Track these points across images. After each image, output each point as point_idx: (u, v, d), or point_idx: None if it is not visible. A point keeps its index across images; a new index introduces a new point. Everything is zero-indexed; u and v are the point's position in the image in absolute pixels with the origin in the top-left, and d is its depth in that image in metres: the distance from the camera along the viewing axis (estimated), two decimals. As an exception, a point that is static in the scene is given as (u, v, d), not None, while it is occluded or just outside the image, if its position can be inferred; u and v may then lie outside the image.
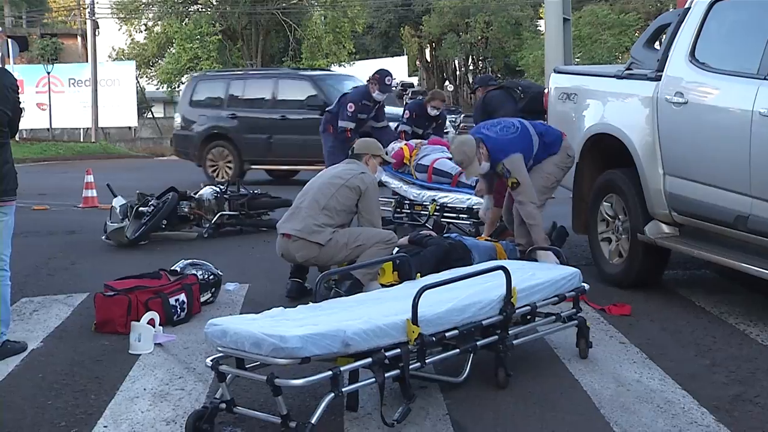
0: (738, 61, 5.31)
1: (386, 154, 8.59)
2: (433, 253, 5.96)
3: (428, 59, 67.72)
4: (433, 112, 9.41)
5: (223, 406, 3.61)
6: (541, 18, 40.08)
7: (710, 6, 5.58)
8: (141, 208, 8.52)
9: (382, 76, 9.19)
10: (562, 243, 6.92)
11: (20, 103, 4.90)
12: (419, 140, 9.04)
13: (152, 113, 44.37)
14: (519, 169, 6.05)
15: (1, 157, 4.73)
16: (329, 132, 9.32)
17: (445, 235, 6.75)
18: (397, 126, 9.76)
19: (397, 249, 6.12)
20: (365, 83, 9.47)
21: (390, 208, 8.56)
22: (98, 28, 35.42)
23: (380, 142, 6.65)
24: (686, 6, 5.88)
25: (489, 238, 6.69)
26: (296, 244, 5.67)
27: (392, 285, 5.50)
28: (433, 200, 8.10)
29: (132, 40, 44.62)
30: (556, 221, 7.22)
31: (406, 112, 9.75)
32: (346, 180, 5.72)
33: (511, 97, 8.21)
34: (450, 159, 8.50)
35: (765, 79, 4.88)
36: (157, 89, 45.14)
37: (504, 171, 6.06)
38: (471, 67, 58.68)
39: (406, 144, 8.86)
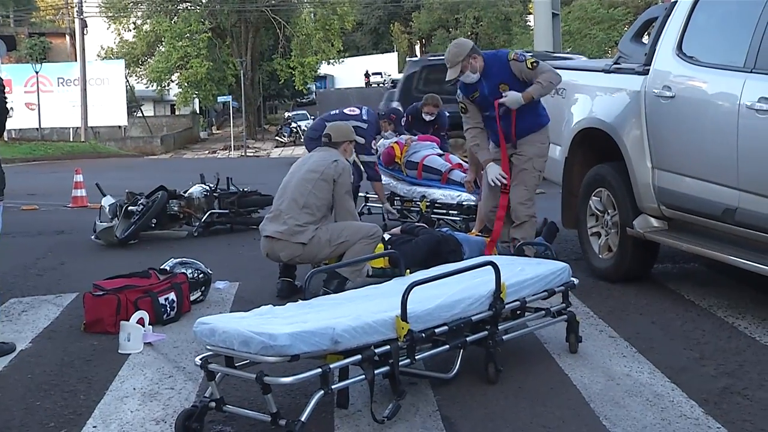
0: (725, 55, 5.32)
1: (377, 151, 8.58)
2: (425, 242, 6.06)
3: (418, 55, 67.71)
4: (427, 118, 9.30)
5: (213, 404, 3.60)
6: (530, 13, 40.12)
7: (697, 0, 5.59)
8: (130, 207, 8.51)
9: (398, 117, 8.92)
10: (552, 239, 6.94)
11: (7, 102, 4.88)
12: (410, 137, 9.02)
13: (142, 112, 44.28)
14: (531, 57, 6.01)
15: (-12, 157, 4.71)
16: None
17: (437, 229, 6.78)
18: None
19: (389, 236, 6.23)
20: (370, 124, 8.33)
21: (379, 205, 8.56)
22: (86, 26, 35.29)
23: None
24: (673, 0, 5.90)
25: (480, 234, 6.70)
26: (279, 244, 5.67)
27: (383, 269, 5.62)
28: (424, 197, 8.12)
29: (121, 38, 44.51)
30: (546, 217, 7.23)
31: (403, 116, 9.68)
32: (320, 173, 5.68)
33: None
34: (440, 156, 8.52)
35: (751, 72, 4.90)
36: (147, 88, 45.03)
37: (519, 56, 5.99)
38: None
39: (396, 142, 8.85)
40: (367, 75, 71.80)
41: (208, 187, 9.17)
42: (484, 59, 6.05)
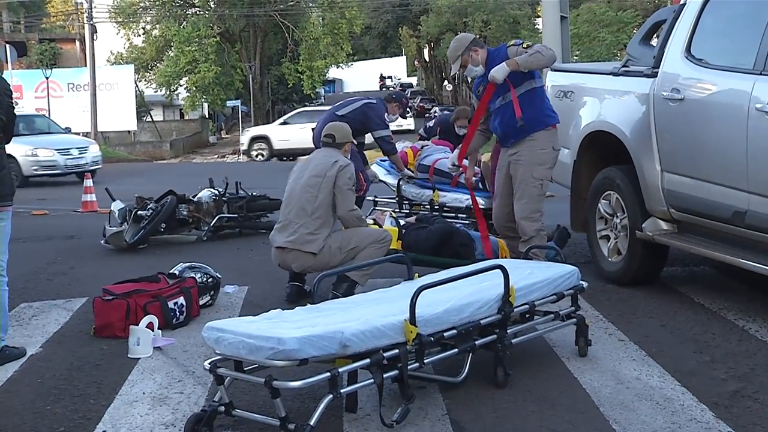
0: (734, 57, 5.31)
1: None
2: (439, 231, 6.17)
3: (427, 59, 67.85)
4: (461, 132, 9.07)
5: (222, 409, 3.61)
6: (538, 16, 40.10)
7: (705, 2, 5.58)
8: (140, 212, 8.54)
9: (407, 102, 8.90)
10: (563, 244, 6.93)
11: (14, 108, 4.89)
12: (425, 142, 9.05)
13: (151, 117, 44.40)
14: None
15: (-2, 162, 4.72)
16: None
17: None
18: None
19: (404, 222, 6.37)
20: (380, 101, 8.36)
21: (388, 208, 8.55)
22: (96, 32, 35.42)
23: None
24: (682, 2, 5.88)
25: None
26: (291, 254, 5.65)
27: (396, 252, 5.72)
28: (432, 199, 8.14)
29: (130, 43, 44.67)
30: (560, 224, 7.22)
31: (432, 121, 9.65)
32: (324, 176, 5.63)
33: None
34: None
35: (761, 74, 4.88)
36: (156, 92, 45.17)
37: (516, 42, 5.93)
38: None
39: (411, 147, 8.87)
40: (382, 78, 72.05)
41: (216, 192, 9.19)
42: (488, 52, 6.00)
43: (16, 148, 18.46)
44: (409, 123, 43.92)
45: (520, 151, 6.00)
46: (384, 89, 47.84)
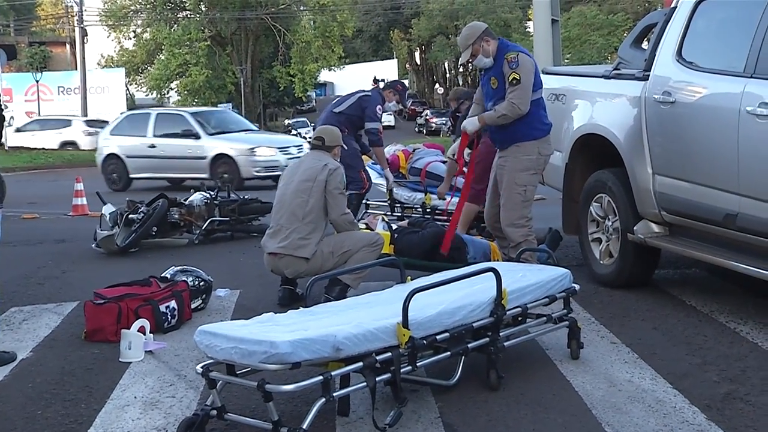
0: (724, 60, 5.33)
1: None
2: (431, 235, 6.15)
3: (418, 62, 67.97)
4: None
5: (214, 413, 3.60)
6: (530, 19, 40.22)
7: (696, 5, 5.60)
8: (131, 216, 8.51)
9: (404, 88, 8.91)
10: (555, 247, 6.94)
11: (3, 110, 4.87)
12: (416, 145, 9.07)
13: (142, 120, 44.33)
14: (526, 70, 5.75)
15: (-13, 165, 4.71)
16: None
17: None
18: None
19: (396, 226, 6.35)
20: (376, 90, 8.62)
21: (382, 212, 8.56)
22: (87, 35, 35.36)
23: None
24: (673, 5, 5.91)
25: (483, 237, 6.69)
26: (283, 260, 5.64)
27: (389, 256, 5.73)
28: (424, 202, 8.15)
29: (121, 47, 44.62)
30: (551, 226, 7.23)
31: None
32: (314, 180, 5.61)
33: None
34: (443, 162, 8.52)
35: (751, 77, 4.90)
36: (147, 96, 45.11)
37: (513, 60, 5.73)
38: (461, 70, 58.84)
39: (402, 150, 8.88)
40: (375, 81, 72.38)
41: (208, 195, 9.17)
42: (498, 44, 5.91)
43: (230, 146, 16.38)
44: (389, 120, 45.21)
45: (505, 157, 6.00)
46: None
